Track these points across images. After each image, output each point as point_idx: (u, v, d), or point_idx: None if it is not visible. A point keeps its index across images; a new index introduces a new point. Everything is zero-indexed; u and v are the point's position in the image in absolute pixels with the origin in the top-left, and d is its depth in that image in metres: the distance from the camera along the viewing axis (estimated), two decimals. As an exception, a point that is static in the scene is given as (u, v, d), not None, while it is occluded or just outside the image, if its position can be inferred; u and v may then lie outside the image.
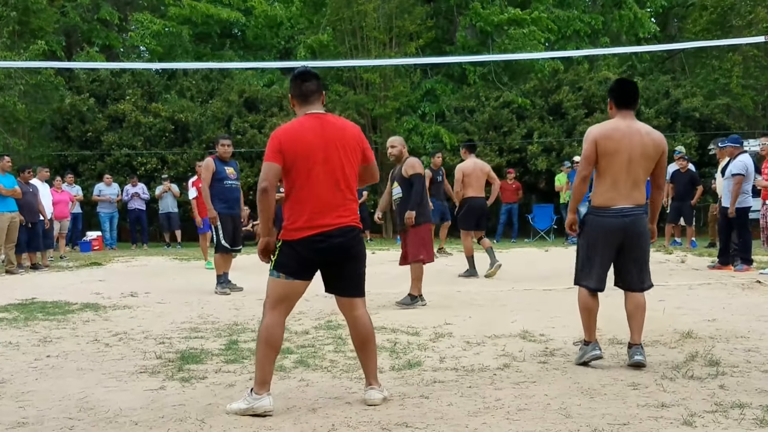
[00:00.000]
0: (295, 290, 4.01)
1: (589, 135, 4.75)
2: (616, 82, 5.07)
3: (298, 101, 4.11)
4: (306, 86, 4.08)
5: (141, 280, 10.59)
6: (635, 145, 4.66)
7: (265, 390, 3.91)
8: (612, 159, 4.64)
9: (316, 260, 3.98)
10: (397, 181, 7.87)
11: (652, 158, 4.73)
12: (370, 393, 4.03)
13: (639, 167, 4.68)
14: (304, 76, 4.10)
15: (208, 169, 9.00)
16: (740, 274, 9.76)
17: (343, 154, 3.99)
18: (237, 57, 23.91)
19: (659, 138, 4.80)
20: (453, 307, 7.49)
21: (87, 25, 23.45)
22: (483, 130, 20.13)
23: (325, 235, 3.92)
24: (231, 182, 9.01)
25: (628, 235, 4.73)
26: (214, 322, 6.83)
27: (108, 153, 19.90)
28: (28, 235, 12.31)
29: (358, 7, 20.01)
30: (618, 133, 4.67)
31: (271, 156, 3.93)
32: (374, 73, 20.07)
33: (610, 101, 4.89)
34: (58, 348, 5.71)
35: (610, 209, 4.70)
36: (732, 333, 5.74)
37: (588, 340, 4.88)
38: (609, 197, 4.69)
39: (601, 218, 4.73)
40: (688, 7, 25.14)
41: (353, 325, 4.12)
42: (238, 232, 9.20)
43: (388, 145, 8.05)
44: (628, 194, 4.69)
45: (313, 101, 4.08)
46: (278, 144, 3.94)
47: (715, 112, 19.99)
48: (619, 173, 4.65)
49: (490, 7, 21.44)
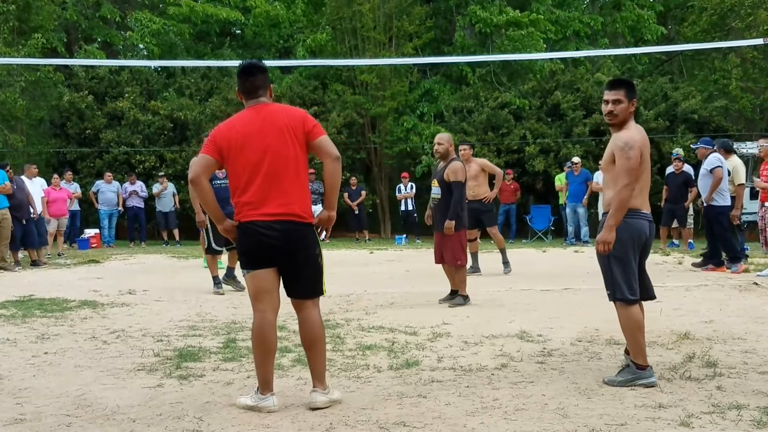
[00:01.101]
0: (262, 280, 3.98)
1: (635, 143, 4.32)
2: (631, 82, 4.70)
3: (243, 96, 4.11)
4: (249, 81, 4.06)
5: (139, 277, 10.58)
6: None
7: (268, 390, 3.96)
8: (645, 165, 4.42)
9: (262, 247, 3.92)
10: (437, 180, 7.83)
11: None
12: (312, 396, 3.95)
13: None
14: (248, 70, 4.08)
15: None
16: (737, 276, 9.77)
17: (281, 140, 3.91)
18: (236, 56, 23.88)
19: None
20: (451, 307, 7.48)
21: (87, 22, 23.41)
22: (481, 130, 20.13)
23: (263, 225, 3.88)
24: (220, 181, 8.67)
25: (649, 241, 4.54)
26: (212, 320, 6.83)
27: (106, 150, 19.87)
28: (23, 232, 12.28)
29: (357, 6, 20.02)
30: (645, 139, 4.47)
31: (206, 149, 4.01)
32: (371, 74, 20.07)
33: (635, 101, 4.51)
34: (56, 345, 5.71)
35: (641, 211, 4.42)
36: (729, 334, 5.75)
37: (644, 364, 4.37)
38: (640, 202, 4.41)
39: (636, 221, 4.40)
40: (688, 8, 25.15)
41: (300, 323, 4.07)
42: None
43: (435, 141, 7.93)
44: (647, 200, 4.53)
45: (258, 94, 4.06)
46: (212, 137, 4.02)
47: (713, 114, 20.01)
48: (647, 179, 4.46)
49: (490, 8, 21.43)
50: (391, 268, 11.94)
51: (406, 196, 18.71)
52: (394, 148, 20.69)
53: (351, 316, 6.94)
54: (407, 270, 11.51)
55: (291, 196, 3.92)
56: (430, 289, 8.58)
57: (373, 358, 5.10)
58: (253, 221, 3.90)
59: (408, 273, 11.12)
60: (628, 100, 4.44)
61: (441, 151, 7.81)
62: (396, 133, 20.59)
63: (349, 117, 20.04)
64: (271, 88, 4.15)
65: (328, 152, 3.97)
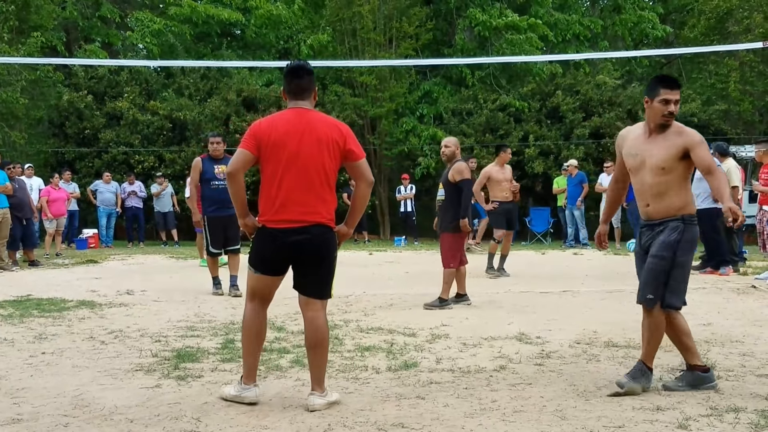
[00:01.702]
0: (264, 284, 4.06)
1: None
2: (655, 79, 4.53)
3: (288, 96, 4.11)
4: (295, 83, 4.07)
5: (137, 278, 10.57)
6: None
7: (251, 381, 4.06)
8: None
9: (280, 255, 3.96)
10: (442, 182, 7.83)
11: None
12: (310, 399, 3.95)
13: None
14: (295, 71, 4.09)
15: (195, 169, 8.78)
16: (735, 279, 9.79)
17: (317, 149, 3.92)
18: (236, 56, 23.91)
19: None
20: (450, 309, 7.49)
21: (87, 21, 23.40)
22: (480, 132, 20.15)
23: (290, 231, 3.90)
24: (219, 182, 8.62)
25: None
26: (210, 321, 6.83)
27: (105, 150, 19.87)
28: (22, 232, 12.27)
29: (357, 8, 20.03)
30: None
31: (244, 143, 4.00)
32: (370, 75, 20.08)
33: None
34: (54, 345, 5.70)
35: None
36: (727, 337, 5.76)
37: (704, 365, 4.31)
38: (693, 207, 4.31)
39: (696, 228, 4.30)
40: (687, 11, 25.18)
41: (306, 325, 4.07)
42: (232, 232, 8.79)
43: (442, 144, 7.96)
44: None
45: (303, 97, 4.06)
46: (253, 132, 4.00)
47: (712, 117, 20.04)
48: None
49: (490, 10, 21.45)
50: (390, 269, 11.94)
51: (406, 197, 18.70)
52: (393, 150, 20.70)
53: (350, 317, 6.94)
54: (406, 271, 11.51)
55: (317, 202, 3.94)
56: (428, 291, 8.57)
57: (371, 360, 5.10)
58: (281, 228, 3.92)
59: (407, 274, 11.12)
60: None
61: (448, 154, 7.82)
62: (395, 134, 20.60)
63: (348, 118, 20.05)
64: (316, 91, 4.15)
65: (364, 176, 4.05)
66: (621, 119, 19.67)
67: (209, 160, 8.83)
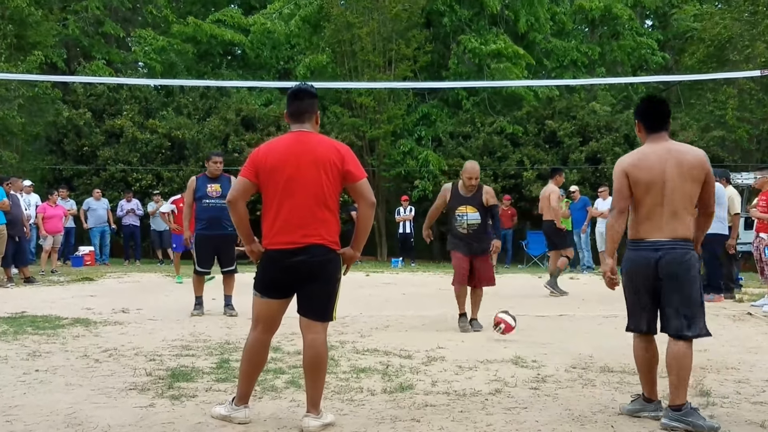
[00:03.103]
0: (269, 309, 4.04)
1: (619, 167, 4.24)
2: (643, 102, 4.46)
3: (290, 119, 4.13)
4: (296, 105, 4.09)
5: (133, 296, 10.54)
6: (677, 168, 4.13)
7: (243, 403, 4.07)
8: (646, 191, 4.14)
9: (282, 278, 3.97)
10: (474, 205, 7.76)
11: (699, 180, 4.20)
12: (305, 420, 3.93)
13: (681, 193, 4.14)
14: (296, 94, 4.12)
15: (189, 188, 8.75)
16: (732, 305, 9.79)
17: (314, 171, 3.92)
18: (236, 76, 24.04)
19: (700, 158, 4.26)
20: (446, 331, 7.48)
21: (89, 39, 23.52)
22: (477, 155, 20.23)
23: (289, 252, 3.91)
24: (210, 201, 8.60)
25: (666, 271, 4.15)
26: (205, 340, 6.80)
27: (103, 168, 19.88)
28: (14, 249, 12.23)
29: (357, 30, 20.17)
30: (649, 161, 4.18)
31: (243, 170, 4.05)
32: (368, 97, 20.17)
33: (639, 125, 4.38)
34: (47, 362, 5.67)
35: (644, 241, 4.17)
36: (723, 364, 5.75)
37: (649, 397, 4.30)
38: (644, 230, 4.18)
39: (636, 252, 4.21)
40: (686, 39, 25.38)
41: (306, 346, 4.03)
42: (226, 252, 8.76)
43: (472, 173, 7.71)
44: (669, 225, 4.15)
45: (304, 120, 4.08)
46: (251, 159, 4.04)
47: (710, 144, 20.14)
48: (652, 205, 4.15)
49: (486, 35, 21.57)
50: (386, 291, 11.92)
51: (405, 218, 18.72)
52: (391, 171, 20.75)
53: (346, 338, 6.92)
54: (403, 293, 11.49)
55: (316, 223, 3.94)
56: (425, 313, 8.57)
57: (367, 381, 5.08)
58: (281, 249, 3.93)
59: (404, 296, 11.10)
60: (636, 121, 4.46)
61: (477, 184, 7.82)
62: (393, 156, 20.65)
63: (347, 139, 20.11)
64: (318, 114, 4.17)
65: (364, 197, 4.01)
66: (618, 144, 19.76)
67: (204, 179, 8.78)
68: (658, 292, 4.15)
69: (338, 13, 20.42)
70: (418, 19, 21.12)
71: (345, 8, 20.83)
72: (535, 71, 22.75)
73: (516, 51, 20.98)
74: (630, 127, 20.27)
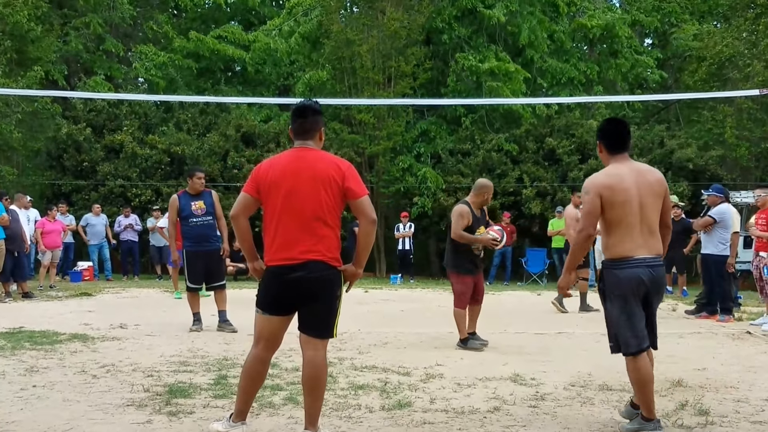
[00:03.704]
0: (271, 326, 4.03)
1: (592, 187, 4.30)
2: (606, 123, 4.63)
3: (294, 135, 4.16)
4: (300, 122, 4.12)
5: (131, 311, 10.52)
6: (645, 188, 4.29)
7: (240, 419, 4.07)
8: (620, 209, 4.23)
9: (283, 294, 3.97)
10: (485, 226, 7.67)
11: (662, 197, 4.38)
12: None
13: (652, 211, 4.31)
14: (300, 111, 4.14)
15: (172, 207, 8.74)
16: (730, 324, 9.78)
17: (313, 187, 3.93)
18: (236, 92, 24.12)
19: (660, 175, 4.46)
20: (444, 348, 7.46)
21: (90, 55, 23.61)
22: (477, 172, 20.25)
23: (288, 268, 3.91)
24: (197, 219, 8.61)
25: (653, 287, 4.31)
26: (203, 356, 6.78)
27: (102, 183, 19.89)
28: (13, 264, 12.22)
29: (357, 47, 20.26)
30: (622, 181, 4.28)
31: (246, 186, 4.08)
32: (368, 114, 20.24)
33: (601, 145, 4.52)
34: (45, 378, 5.66)
35: (632, 258, 4.23)
36: (722, 383, 5.74)
37: (649, 416, 4.25)
38: (627, 248, 4.24)
39: (626, 270, 4.24)
40: (685, 58, 25.50)
41: (305, 363, 4.01)
42: (214, 268, 8.77)
43: (489, 190, 7.70)
44: (647, 243, 4.27)
45: (307, 136, 4.10)
46: (253, 175, 4.07)
47: (709, 162, 20.18)
48: (630, 223, 4.24)
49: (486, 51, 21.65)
50: (385, 307, 11.90)
51: (405, 234, 18.72)
52: (390, 188, 20.78)
53: (344, 354, 6.90)
54: (402, 310, 11.47)
55: (315, 240, 3.94)
56: (423, 330, 8.56)
57: (365, 398, 5.07)
58: (280, 265, 3.94)
59: (402, 313, 11.08)
60: (598, 142, 4.56)
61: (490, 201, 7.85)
62: (392, 172, 20.69)
63: (346, 155, 20.14)
64: (322, 131, 4.19)
65: (365, 214, 4.00)
66: (617, 162, 19.77)
67: (186, 196, 8.77)
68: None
69: (338, 30, 20.52)
70: (417, 37, 21.21)
71: (345, 25, 20.93)
72: (533, 89, 22.82)
73: (508, 69, 21.06)
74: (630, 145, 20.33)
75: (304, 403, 4.05)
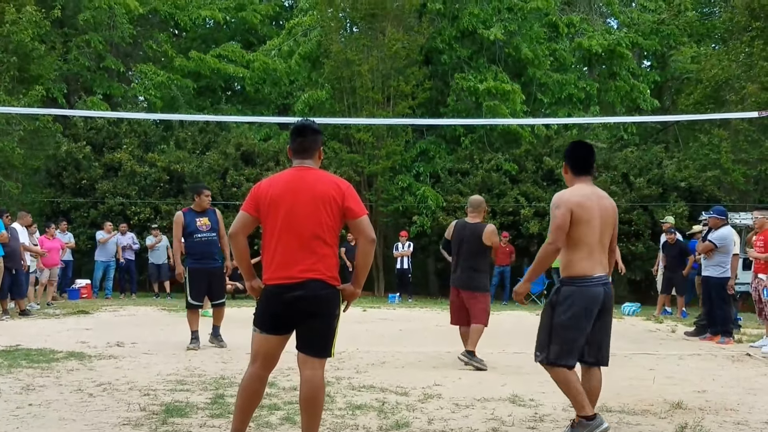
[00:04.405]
0: (268, 345, 4.01)
1: (562, 202, 4.48)
2: (574, 147, 4.81)
3: (292, 154, 4.17)
4: (299, 141, 4.13)
5: (128, 329, 10.48)
6: (604, 211, 4.53)
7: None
8: (585, 227, 4.42)
9: (282, 313, 3.95)
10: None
11: (614, 224, 4.63)
12: None
13: (607, 234, 4.56)
14: (299, 130, 4.15)
15: (177, 224, 8.75)
16: (730, 346, 9.75)
17: (312, 207, 3.94)
18: (236, 111, 24.19)
19: (614, 203, 4.70)
20: (442, 368, 7.43)
21: (90, 74, 23.69)
22: (476, 192, 20.25)
23: (287, 287, 3.91)
24: (202, 235, 8.65)
25: (607, 305, 4.53)
26: (200, 375, 6.75)
27: (101, 201, 19.90)
28: (11, 281, 12.18)
29: (357, 67, 20.34)
30: (589, 201, 4.50)
31: (245, 205, 4.08)
32: (367, 133, 20.29)
33: (566, 166, 4.71)
34: (41, 396, 5.62)
35: (592, 277, 4.44)
36: (722, 405, 5.71)
37: (589, 414, 4.42)
38: (588, 266, 4.43)
39: (588, 288, 4.43)
40: (683, 80, 25.61)
41: (302, 383, 4.00)
42: (217, 285, 8.83)
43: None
44: (602, 262, 4.53)
45: (306, 155, 4.12)
46: (252, 193, 4.08)
47: (707, 184, 20.21)
48: (592, 242, 4.45)
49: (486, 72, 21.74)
50: (383, 326, 11.87)
51: (404, 254, 18.70)
52: (389, 207, 20.79)
53: (342, 374, 6.87)
54: (400, 329, 11.44)
55: (315, 259, 3.94)
56: (421, 349, 8.53)
57: (362, 419, 5.04)
58: (279, 284, 3.93)
59: (400, 332, 11.05)
60: (564, 164, 4.74)
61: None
62: (391, 191, 20.71)
63: (345, 174, 20.17)
64: (321, 150, 4.21)
65: (364, 234, 4.02)
66: (615, 183, 19.83)
67: (191, 213, 8.82)
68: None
69: (337, 50, 20.62)
70: (417, 57, 21.32)
71: (344, 45, 21.03)
72: (532, 108, 22.88)
73: (505, 89, 21.15)
74: (629, 165, 20.41)
75: (302, 423, 4.03)
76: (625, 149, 21.67)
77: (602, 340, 4.57)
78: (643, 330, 11.97)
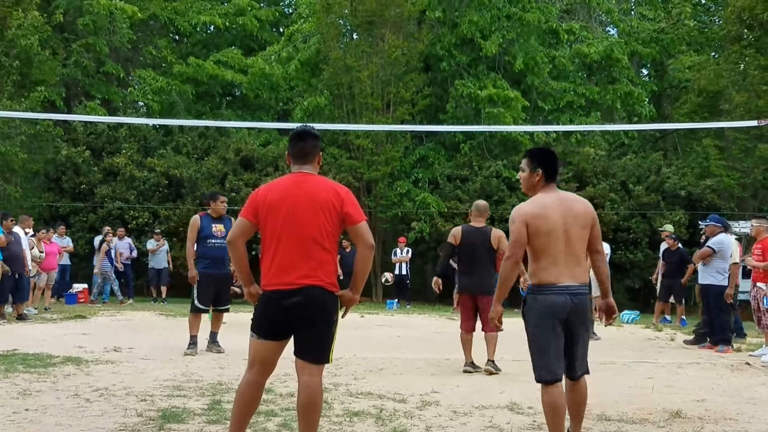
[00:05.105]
0: (265, 350, 3.99)
1: (518, 215, 4.37)
2: (542, 153, 4.68)
3: (291, 160, 4.16)
4: (298, 147, 4.13)
5: (125, 334, 10.45)
6: (573, 217, 4.36)
7: None
8: (546, 237, 4.30)
9: (279, 319, 3.94)
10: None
11: (590, 225, 4.42)
12: None
13: (579, 240, 4.36)
14: (299, 135, 4.15)
15: (193, 227, 8.77)
16: (730, 355, 9.73)
17: (311, 213, 3.93)
18: (235, 116, 24.20)
19: (587, 205, 4.52)
20: (441, 375, 7.41)
21: (90, 79, 23.70)
22: (475, 198, 20.23)
23: (286, 293, 3.89)
24: (215, 241, 8.69)
25: (574, 315, 4.32)
26: (197, 381, 6.72)
27: (100, 205, 19.88)
28: (13, 285, 12.15)
29: (356, 73, 20.36)
30: (547, 211, 4.35)
31: (243, 211, 4.07)
32: (366, 139, 20.30)
33: (540, 171, 4.52)
34: (38, 401, 5.60)
35: (555, 285, 4.28)
36: (721, 414, 5.69)
37: None
38: (552, 275, 4.29)
39: (546, 296, 4.30)
40: (681, 89, 25.67)
41: (300, 389, 3.98)
42: (223, 291, 8.86)
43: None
44: (572, 271, 4.32)
45: (305, 161, 4.11)
46: (251, 200, 4.07)
47: (705, 192, 20.22)
48: (556, 251, 4.30)
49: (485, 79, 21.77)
50: (381, 332, 11.84)
51: (402, 259, 18.68)
52: (387, 213, 20.78)
53: (339, 380, 6.85)
54: (398, 335, 11.41)
55: (313, 265, 3.93)
56: (420, 356, 8.50)
57: (360, 425, 5.02)
58: (277, 290, 3.92)
59: (398, 338, 11.02)
60: (530, 169, 4.54)
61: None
62: (390, 197, 20.70)
63: (344, 180, 20.15)
64: (320, 156, 4.21)
65: (363, 240, 4.00)
66: (614, 191, 19.84)
67: (208, 218, 8.86)
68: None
69: (337, 56, 20.64)
70: (416, 64, 21.34)
71: (344, 52, 21.05)
72: (532, 115, 22.91)
73: (507, 96, 21.17)
74: (627, 173, 20.43)
75: (299, 430, 4.01)
76: (624, 157, 21.69)
77: (578, 352, 4.38)
78: (642, 338, 11.96)
